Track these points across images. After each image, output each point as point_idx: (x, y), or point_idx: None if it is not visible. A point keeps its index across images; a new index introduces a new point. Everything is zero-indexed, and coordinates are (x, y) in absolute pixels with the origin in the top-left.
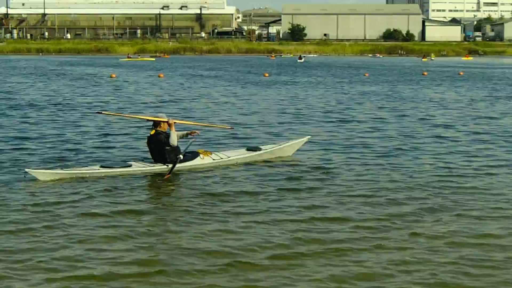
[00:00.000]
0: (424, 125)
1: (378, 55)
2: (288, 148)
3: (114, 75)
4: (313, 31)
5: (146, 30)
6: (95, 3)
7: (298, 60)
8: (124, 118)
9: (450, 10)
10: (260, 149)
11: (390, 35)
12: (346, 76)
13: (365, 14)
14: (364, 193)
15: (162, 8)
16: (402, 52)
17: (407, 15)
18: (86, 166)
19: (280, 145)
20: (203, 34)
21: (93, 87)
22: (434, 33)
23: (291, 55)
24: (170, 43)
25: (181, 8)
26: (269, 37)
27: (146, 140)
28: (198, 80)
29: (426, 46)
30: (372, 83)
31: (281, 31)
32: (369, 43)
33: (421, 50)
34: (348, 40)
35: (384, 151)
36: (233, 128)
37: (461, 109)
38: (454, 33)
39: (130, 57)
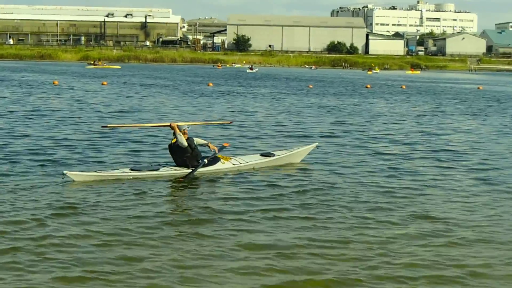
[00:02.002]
0: (365, 139)
1: (313, 67)
2: (298, 154)
3: (56, 82)
4: (258, 42)
5: (91, 37)
6: (39, 8)
7: (249, 70)
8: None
9: (394, 24)
10: (273, 155)
11: (334, 47)
12: (291, 87)
13: (309, 26)
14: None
15: (107, 16)
16: (345, 64)
17: (351, 28)
18: (117, 169)
19: (292, 151)
20: (147, 43)
21: (31, 94)
22: (377, 47)
23: (240, 65)
24: (115, 51)
25: (126, 16)
26: (214, 47)
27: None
28: (142, 89)
29: (369, 59)
30: (317, 95)
31: (226, 41)
32: (313, 55)
33: (364, 63)
34: (292, 51)
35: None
36: (232, 122)
37: (403, 123)
38: (397, 47)
39: (96, 64)
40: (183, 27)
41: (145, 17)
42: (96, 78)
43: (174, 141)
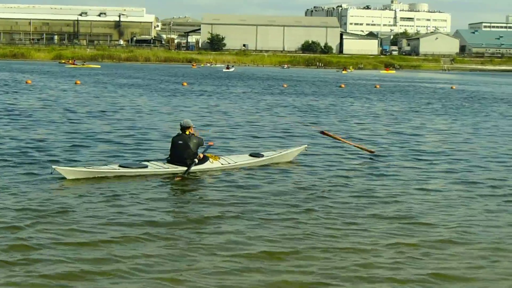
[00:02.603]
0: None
1: (286, 66)
2: (287, 155)
3: (29, 81)
4: (233, 41)
5: (64, 36)
6: (11, 7)
7: (225, 70)
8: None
9: (368, 24)
10: (262, 156)
11: (308, 47)
12: (266, 86)
13: (284, 25)
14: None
15: (80, 15)
16: (320, 64)
17: (325, 27)
18: (106, 165)
19: (281, 152)
20: (121, 42)
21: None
22: (351, 46)
23: (215, 65)
24: (88, 50)
25: (99, 15)
26: (188, 46)
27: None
28: (115, 88)
29: (343, 59)
30: (291, 94)
31: (200, 41)
32: (287, 54)
33: (338, 62)
34: (267, 51)
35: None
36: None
37: (378, 122)
38: (371, 47)
39: (75, 64)
40: (157, 26)
41: (119, 16)
42: (68, 77)
43: (180, 134)
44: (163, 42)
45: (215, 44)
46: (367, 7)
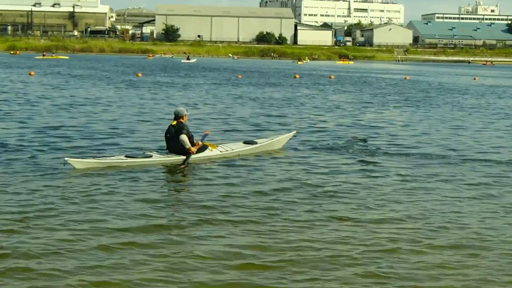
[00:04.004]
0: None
1: (235, 56)
2: (278, 142)
3: None
4: (187, 32)
5: (17, 27)
6: None
7: (185, 61)
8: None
9: (322, 15)
10: (256, 143)
11: (263, 38)
12: (221, 78)
13: (238, 16)
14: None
15: (34, 5)
16: (274, 55)
17: (280, 18)
18: (114, 156)
19: (272, 139)
20: (75, 33)
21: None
22: (306, 37)
23: (173, 56)
24: (42, 41)
25: (53, 6)
26: (143, 37)
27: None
28: (68, 79)
29: (298, 50)
30: (247, 84)
31: (155, 32)
32: (242, 45)
33: (293, 53)
34: (221, 42)
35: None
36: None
37: (334, 114)
38: (326, 38)
39: (44, 55)
40: (112, 17)
41: (73, 7)
42: (25, 69)
43: (174, 123)
44: (117, 33)
45: (170, 35)
46: None
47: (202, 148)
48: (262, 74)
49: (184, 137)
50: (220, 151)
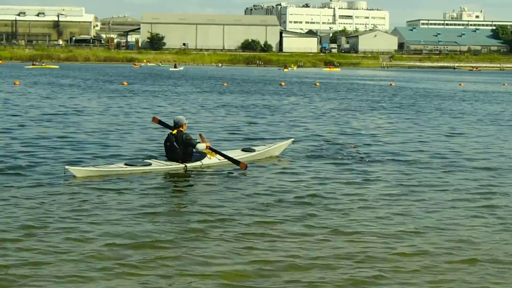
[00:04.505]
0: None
1: (220, 64)
2: (276, 149)
3: None
4: (172, 40)
5: (2, 36)
6: None
7: (173, 69)
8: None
9: (307, 22)
10: (254, 150)
11: (248, 45)
12: (206, 86)
13: (224, 24)
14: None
15: (19, 15)
16: (260, 62)
17: (265, 26)
18: (113, 164)
19: (270, 146)
20: (60, 42)
21: None
22: (291, 44)
23: (161, 64)
24: (27, 50)
25: (38, 15)
26: (128, 46)
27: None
28: (54, 89)
29: (283, 57)
30: (232, 92)
31: (140, 40)
32: (227, 53)
33: (278, 60)
34: (207, 50)
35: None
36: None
37: (321, 121)
38: (311, 45)
39: (34, 64)
40: (97, 25)
41: (58, 16)
42: (9, 78)
43: (174, 132)
44: (102, 42)
45: (155, 43)
46: (306, 5)
47: (201, 156)
48: (248, 82)
49: (200, 146)
50: (219, 159)
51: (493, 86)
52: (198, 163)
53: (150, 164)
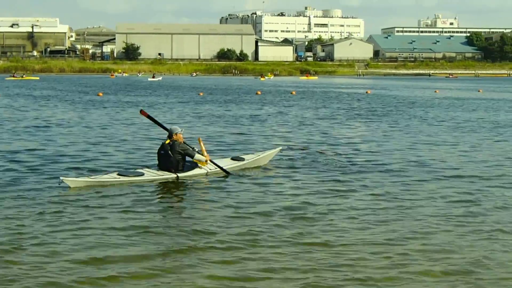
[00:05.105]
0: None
1: (194, 74)
2: (265, 157)
3: None
4: (148, 50)
5: None
6: None
7: (151, 79)
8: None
9: (283, 31)
10: (243, 159)
11: (224, 54)
12: (184, 96)
13: (199, 33)
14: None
15: None
16: (236, 71)
17: (240, 35)
18: (107, 174)
19: (259, 155)
20: (35, 53)
21: None
22: (267, 53)
23: (139, 74)
24: (1, 61)
25: (12, 26)
26: (103, 56)
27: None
28: (28, 101)
29: (259, 66)
30: (209, 102)
31: (115, 50)
32: (203, 62)
33: (254, 69)
34: (182, 59)
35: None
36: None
37: (300, 130)
38: (287, 53)
39: (15, 76)
40: (71, 36)
41: (32, 27)
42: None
43: (167, 142)
44: (77, 53)
45: (131, 53)
46: (282, 14)
47: (192, 166)
48: (224, 91)
49: (198, 157)
50: (210, 169)
51: (468, 93)
52: (190, 173)
53: (142, 174)
